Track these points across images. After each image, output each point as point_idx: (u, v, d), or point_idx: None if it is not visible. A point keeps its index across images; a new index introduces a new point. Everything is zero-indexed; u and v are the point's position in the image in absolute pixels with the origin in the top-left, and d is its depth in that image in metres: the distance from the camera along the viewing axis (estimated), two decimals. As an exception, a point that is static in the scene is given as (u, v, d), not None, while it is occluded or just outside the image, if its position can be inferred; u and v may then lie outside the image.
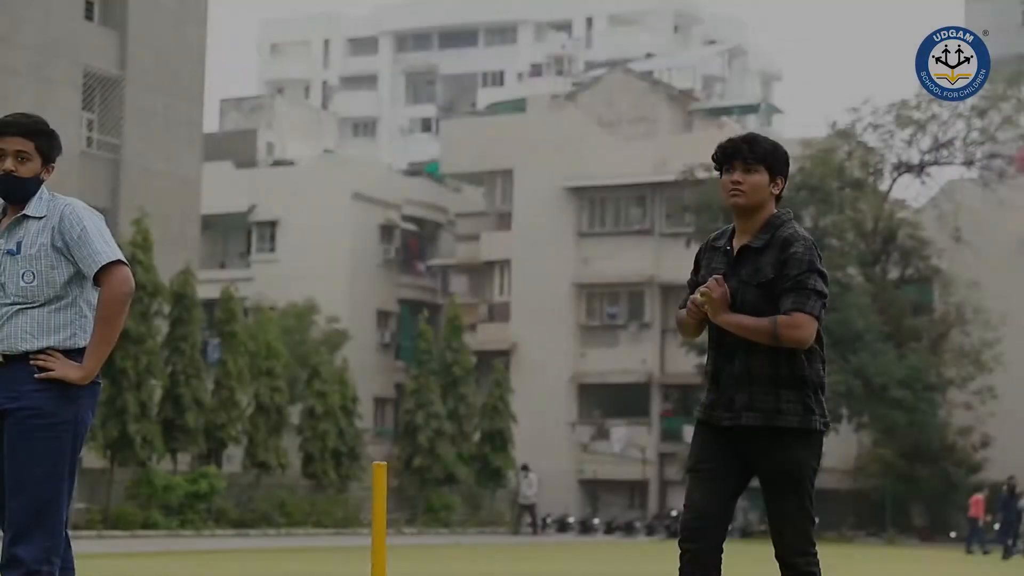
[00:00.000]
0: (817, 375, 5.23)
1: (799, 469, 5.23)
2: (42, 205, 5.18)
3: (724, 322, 5.13)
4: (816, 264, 5.15)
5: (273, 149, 60.18)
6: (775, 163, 5.29)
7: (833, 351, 40.10)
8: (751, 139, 5.32)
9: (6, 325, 5.12)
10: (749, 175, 5.24)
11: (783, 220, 5.25)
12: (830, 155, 42.92)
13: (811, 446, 5.23)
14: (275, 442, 31.52)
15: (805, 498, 5.26)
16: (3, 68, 30.23)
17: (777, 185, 5.30)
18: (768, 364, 5.16)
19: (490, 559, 21.44)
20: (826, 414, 5.28)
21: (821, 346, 5.23)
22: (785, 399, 5.19)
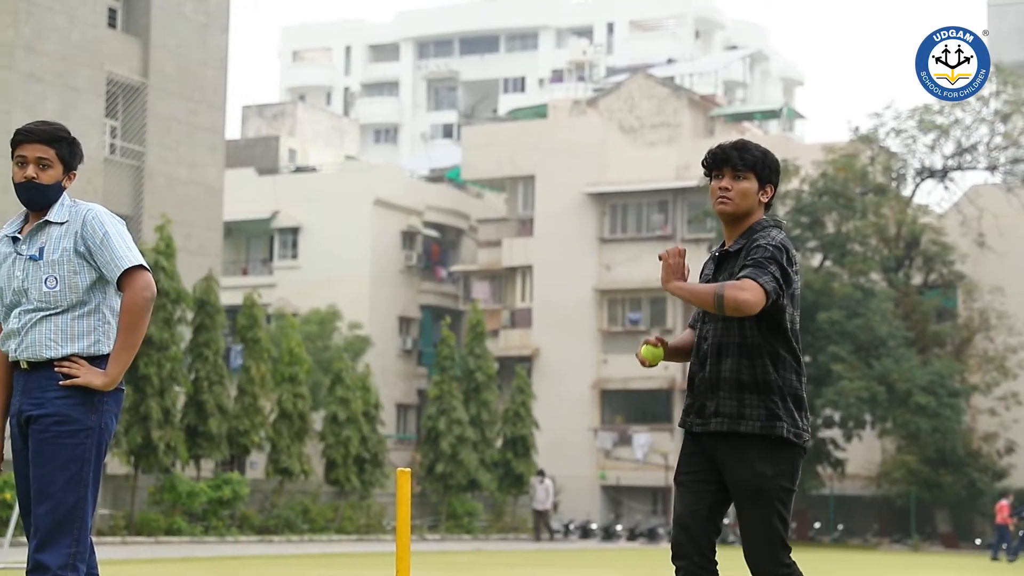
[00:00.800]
0: (788, 383, 5.14)
1: (761, 482, 5.10)
2: (64, 211, 5.20)
3: (673, 289, 5.06)
4: (779, 257, 5.07)
5: (295, 156, 60.32)
6: (764, 171, 5.25)
7: (856, 357, 39.99)
8: (741, 146, 5.29)
9: (30, 332, 5.13)
10: (738, 182, 5.21)
11: (763, 226, 5.21)
12: (853, 160, 42.79)
13: (778, 461, 5.10)
14: (298, 448, 31.54)
15: (772, 515, 5.11)
16: (28, 76, 30.37)
17: (766, 193, 5.27)
18: (734, 369, 5.12)
19: (513, 565, 21.41)
20: (799, 425, 5.15)
21: (794, 357, 5.16)
22: (748, 403, 5.12)
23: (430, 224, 54.21)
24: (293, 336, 32.57)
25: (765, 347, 5.12)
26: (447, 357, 37.64)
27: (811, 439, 5.26)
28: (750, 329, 5.12)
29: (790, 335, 5.16)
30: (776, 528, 5.12)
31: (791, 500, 5.19)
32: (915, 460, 40.33)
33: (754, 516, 5.15)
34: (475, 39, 79.90)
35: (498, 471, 38.54)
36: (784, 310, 5.12)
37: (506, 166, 51.84)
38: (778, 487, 5.11)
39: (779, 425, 5.10)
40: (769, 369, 5.12)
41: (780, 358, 5.14)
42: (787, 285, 5.09)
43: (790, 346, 5.15)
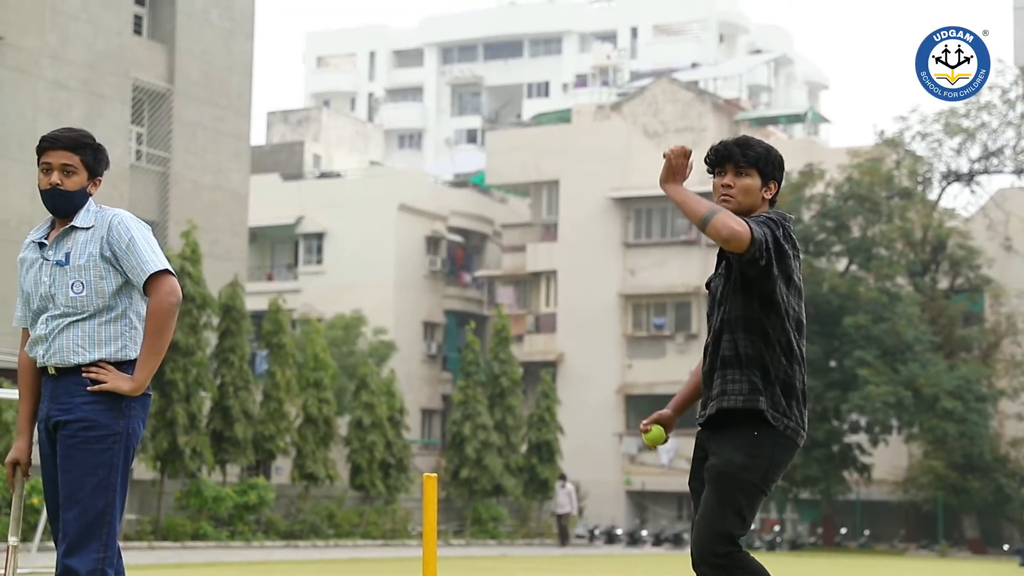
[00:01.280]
0: (778, 367, 5.01)
1: (727, 468, 4.98)
2: (90, 216, 5.22)
3: (670, 191, 4.95)
4: (772, 226, 4.97)
5: (320, 161, 60.47)
6: (768, 167, 5.16)
7: (882, 361, 39.81)
8: (743, 142, 5.20)
9: (58, 338, 5.15)
10: (740, 179, 5.12)
11: (761, 215, 5.09)
12: (878, 164, 42.62)
13: (755, 454, 4.95)
14: (323, 453, 31.59)
15: (727, 504, 4.95)
16: (54, 83, 30.52)
17: (770, 190, 5.17)
18: (728, 346, 5.03)
19: (538, 571, 21.38)
20: (785, 412, 5.00)
21: (788, 343, 5.02)
22: (731, 379, 5.03)
23: (454, 229, 54.25)
24: (318, 341, 32.62)
25: (759, 324, 5.01)
26: (472, 362, 37.65)
27: (803, 437, 5.08)
28: (748, 305, 5.02)
29: (785, 318, 5.02)
30: (727, 518, 4.95)
31: (757, 498, 5.00)
32: (942, 465, 40.13)
33: (708, 498, 5.01)
34: (499, 44, 79.94)
35: (523, 476, 38.52)
36: (775, 283, 4.99)
37: (530, 171, 51.83)
38: (744, 479, 4.96)
39: (761, 400, 4.97)
40: (759, 346, 5.00)
41: (773, 339, 5.01)
42: (779, 256, 4.98)
43: (784, 329, 5.02)
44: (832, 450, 40.99)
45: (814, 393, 40.41)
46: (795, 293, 5.09)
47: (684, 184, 5.00)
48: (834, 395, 40.17)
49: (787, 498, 43.14)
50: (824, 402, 40.57)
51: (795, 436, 5.04)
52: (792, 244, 5.07)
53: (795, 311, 5.08)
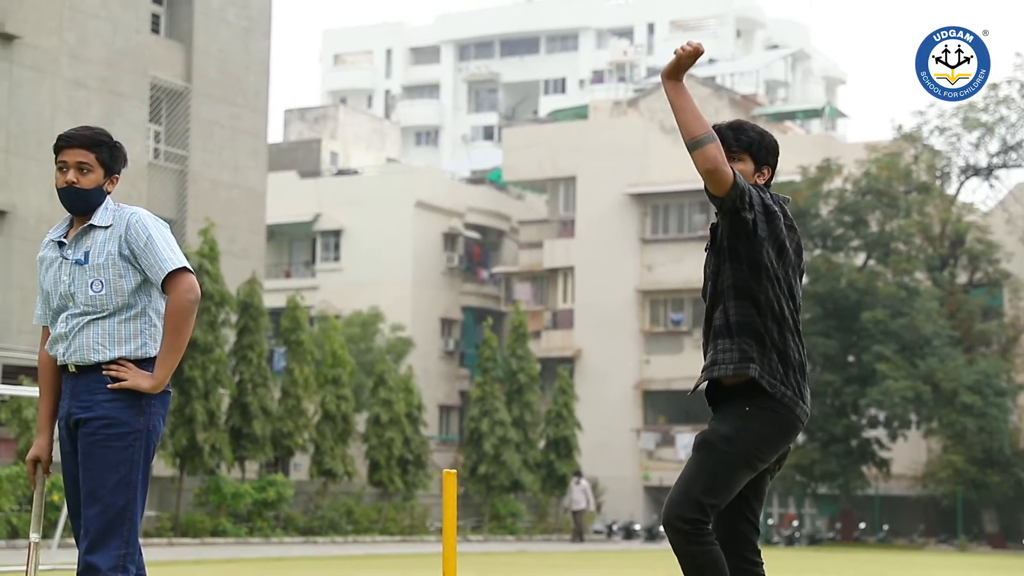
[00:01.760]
0: (771, 334, 4.89)
1: (708, 433, 4.92)
2: (108, 215, 5.23)
3: (672, 87, 4.85)
4: (760, 190, 4.92)
5: (337, 158, 60.54)
6: (761, 152, 5.09)
7: (901, 356, 39.71)
8: (736, 126, 5.13)
9: (78, 336, 5.16)
10: (732, 163, 4.99)
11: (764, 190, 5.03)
12: (896, 159, 42.51)
13: (737, 417, 4.86)
14: (341, 450, 31.65)
15: (703, 469, 4.84)
16: (72, 82, 30.62)
17: (763, 175, 5.09)
18: (720, 316, 4.96)
19: (556, 567, 21.40)
20: (785, 382, 4.88)
21: (780, 309, 4.92)
22: (721, 348, 4.95)
23: (471, 226, 54.27)
24: (336, 338, 32.68)
25: (748, 290, 4.91)
26: (489, 358, 37.67)
27: (805, 411, 4.93)
28: (736, 271, 4.93)
29: (775, 283, 4.92)
30: (700, 482, 4.84)
31: (737, 471, 4.84)
32: (961, 460, 40.02)
33: (687, 465, 4.94)
34: (515, 41, 79.91)
35: (541, 472, 38.53)
36: (762, 246, 4.90)
37: (547, 167, 51.81)
38: (723, 450, 4.85)
39: (751, 367, 4.87)
40: (751, 312, 4.90)
41: (764, 306, 4.91)
42: (769, 219, 4.90)
43: (775, 295, 4.91)
44: (851, 445, 40.90)
45: (832, 388, 40.34)
46: (788, 263, 4.99)
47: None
48: (852, 390, 40.09)
49: (805, 493, 43.08)
50: (842, 397, 40.49)
51: (793, 406, 4.89)
52: (785, 215, 5.00)
53: (787, 280, 4.98)
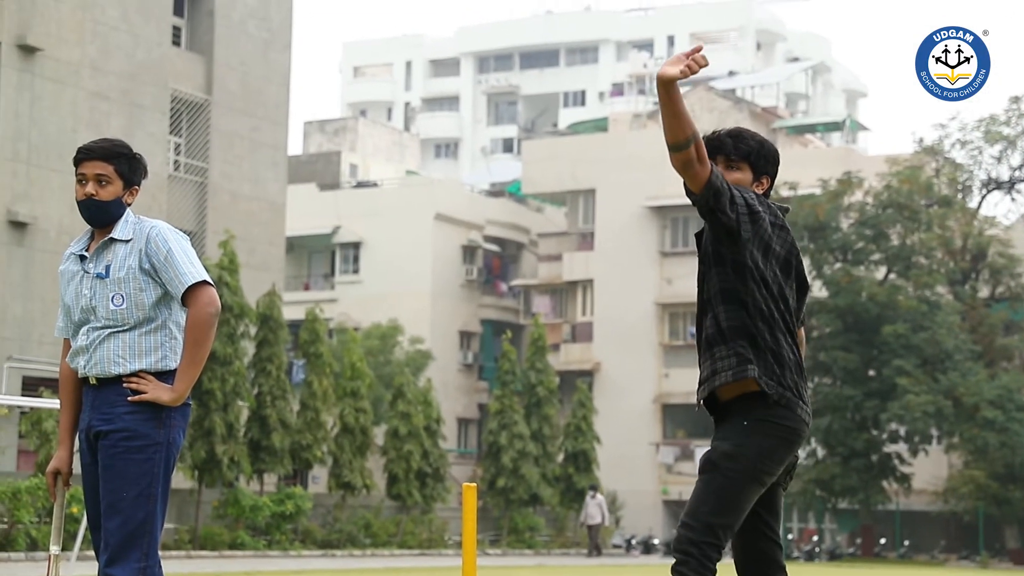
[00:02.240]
0: (765, 336, 4.79)
1: (711, 452, 4.80)
2: (128, 228, 5.23)
3: (667, 88, 4.60)
4: (744, 192, 4.82)
5: (356, 171, 60.65)
6: (760, 161, 4.99)
7: (922, 371, 39.52)
8: (736, 134, 5.03)
9: (99, 349, 5.16)
10: (730, 172, 4.96)
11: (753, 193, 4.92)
12: (917, 172, 42.37)
13: (737, 434, 4.74)
14: (360, 463, 31.61)
15: (709, 489, 4.72)
16: (94, 94, 30.71)
17: (762, 184, 5.00)
18: (711, 324, 4.90)
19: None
20: (782, 383, 4.77)
21: (771, 313, 4.83)
22: (718, 356, 4.86)
23: (491, 238, 54.25)
24: (355, 351, 32.66)
25: (736, 294, 4.84)
26: (508, 371, 37.60)
27: (806, 411, 4.84)
28: (723, 275, 4.87)
29: (761, 285, 4.83)
30: (708, 503, 4.72)
31: (745, 488, 4.72)
32: (983, 475, 39.79)
33: (696, 486, 4.82)
34: (535, 53, 80.00)
35: (559, 486, 38.43)
36: (745, 248, 4.81)
37: (566, 180, 51.79)
38: (728, 468, 4.72)
39: (750, 368, 4.76)
40: (741, 315, 4.82)
41: (752, 309, 4.82)
42: (753, 220, 4.80)
43: (762, 297, 4.81)
44: (871, 460, 40.71)
45: (853, 402, 40.16)
46: (779, 265, 4.89)
47: None
48: (873, 404, 39.91)
49: (826, 508, 42.87)
50: (863, 411, 40.30)
51: (794, 406, 4.78)
52: (775, 216, 4.91)
53: (776, 281, 4.88)
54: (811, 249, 41.30)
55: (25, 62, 28.64)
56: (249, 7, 35.28)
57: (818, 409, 40.42)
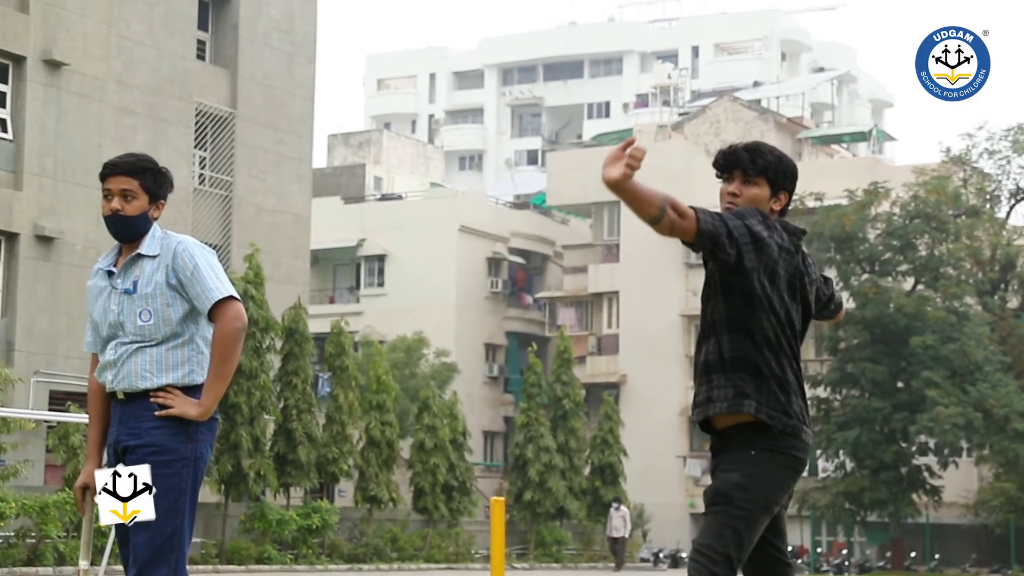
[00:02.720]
0: (770, 363, 4.72)
1: (722, 484, 4.71)
2: (155, 243, 5.24)
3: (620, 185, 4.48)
4: (746, 216, 4.69)
5: (381, 183, 60.69)
6: (778, 176, 4.89)
7: (951, 382, 39.21)
8: (753, 148, 4.93)
9: (126, 363, 5.17)
10: (747, 187, 4.88)
11: (762, 215, 4.80)
12: (944, 182, 42.09)
13: (746, 463, 4.66)
14: (386, 476, 31.54)
15: (724, 522, 4.65)
16: (119, 109, 30.79)
17: (779, 200, 4.90)
18: (712, 349, 4.79)
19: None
20: (788, 411, 4.71)
21: (777, 339, 4.74)
22: (716, 384, 4.77)
23: (515, 250, 54.18)
24: (380, 364, 32.62)
25: (743, 323, 4.75)
26: (534, 384, 37.50)
27: (809, 433, 4.79)
28: (730, 304, 4.77)
29: (769, 312, 4.73)
30: (725, 537, 4.64)
31: (757, 519, 4.68)
32: (1014, 487, 39.46)
33: (709, 518, 4.72)
34: (559, 65, 79.99)
35: (586, 499, 38.28)
36: (752, 278, 4.71)
37: (591, 191, 51.68)
38: (741, 499, 4.66)
39: (745, 403, 4.69)
40: (745, 345, 4.73)
41: (759, 338, 4.73)
42: (758, 248, 4.68)
43: (769, 325, 4.73)
44: (900, 472, 40.41)
45: (881, 415, 39.87)
46: (785, 289, 4.80)
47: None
48: (902, 416, 39.61)
49: (855, 521, 42.58)
50: (892, 423, 40.02)
51: (799, 432, 4.75)
52: (781, 238, 4.79)
53: (783, 307, 4.78)
54: (838, 260, 41.07)
55: (51, 77, 28.72)
56: (273, 21, 35.34)
57: (846, 421, 40.16)
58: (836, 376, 40.85)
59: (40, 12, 28.52)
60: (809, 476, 46.53)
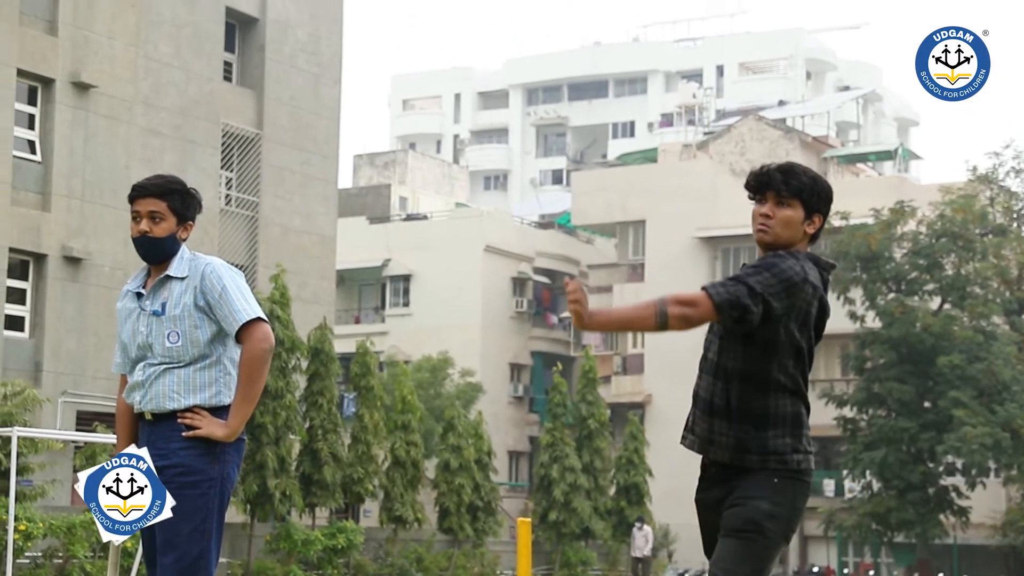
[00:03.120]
0: (783, 405, 4.66)
1: (753, 512, 4.65)
2: (184, 265, 5.26)
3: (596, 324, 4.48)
4: (776, 264, 4.61)
5: (406, 203, 60.83)
6: (813, 198, 4.72)
7: (978, 402, 39.01)
8: (787, 169, 4.74)
9: (154, 384, 5.19)
10: (781, 209, 4.71)
11: (789, 255, 4.67)
12: (971, 201, 41.95)
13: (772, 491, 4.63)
14: (411, 496, 31.52)
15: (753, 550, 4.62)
16: (146, 130, 30.98)
17: (813, 223, 4.74)
18: (714, 396, 4.72)
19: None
20: (798, 448, 4.65)
21: (793, 378, 4.67)
22: (718, 431, 4.70)
23: (540, 270, 54.21)
24: (405, 384, 32.64)
25: (760, 375, 4.66)
26: (559, 404, 37.47)
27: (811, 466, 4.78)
28: (747, 355, 4.66)
29: (786, 353, 4.65)
30: (747, 566, 4.64)
31: (779, 548, 4.68)
32: (1042, 508, 39.21)
33: (736, 545, 4.67)
34: (583, 84, 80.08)
35: (612, 519, 38.19)
36: (778, 326, 4.61)
37: (616, 211, 51.72)
38: (770, 529, 4.63)
39: (748, 458, 4.65)
40: (756, 397, 4.66)
41: (775, 385, 4.66)
42: (790, 294, 4.58)
43: (785, 365, 4.66)
44: (927, 493, 40.18)
45: (908, 434, 39.70)
46: (813, 329, 4.73)
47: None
48: (929, 436, 39.42)
49: (882, 542, 42.35)
50: (919, 443, 39.82)
51: (809, 466, 4.73)
52: (814, 274, 4.68)
53: (806, 345, 4.71)
54: (864, 279, 40.95)
55: (79, 99, 28.94)
56: (299, 42, 35.53)
57: (873, 441, 39.99)
58: (863, 396, 40.69)
59: (69, 35, 28.76)
60: (836, 496, 46.34)
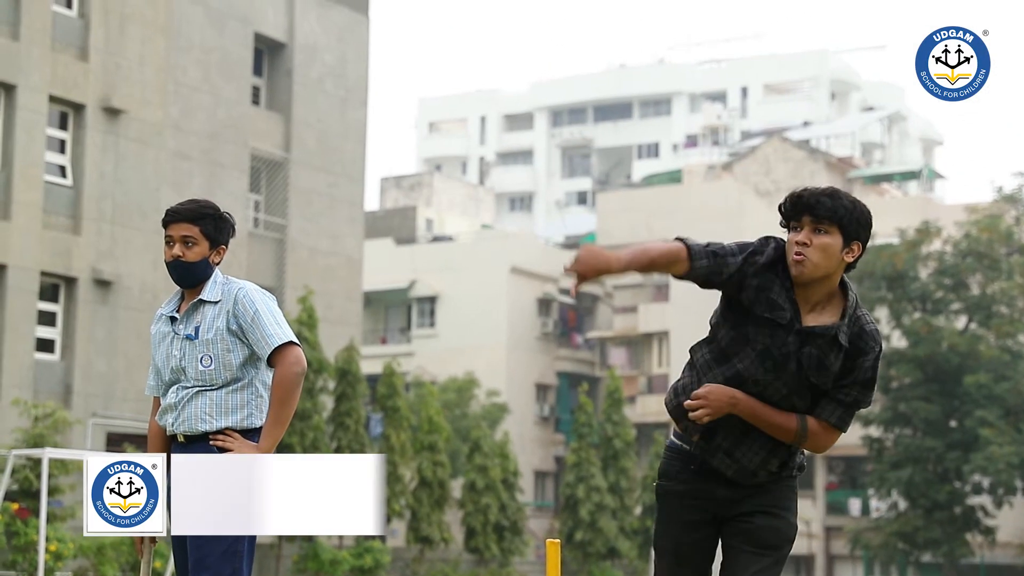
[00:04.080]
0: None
1: (788, 527, 4.77)
2: (217, 289, 5.34)
3: (743, 411, 4.60)
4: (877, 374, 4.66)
5: (432, 225, 61.06)
6: (852, 225, 4.51)
7: (1005, 421, 38.89)
8: (828, 193, 4.53)
9: (187, 407, 5.29)
10: (818, 236, 4.51)
11: (856, 303, 4.60)
12: (997, 220, 41.87)
13: (794, 504, 4.80)
14: (438, 516, 31.65)
15: (778, 568, 4.70)
16: (176, 154, 31.31)
17: (852, 252, 4.53)
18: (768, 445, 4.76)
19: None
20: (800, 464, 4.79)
21: None
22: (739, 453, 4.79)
23: (566, 291, 54.32)
24: (432, 404, 32.79)
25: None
26: (584, 424, 37.54)
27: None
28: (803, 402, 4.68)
29: None
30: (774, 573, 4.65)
31: None
32: (1071, 528, 39.02)
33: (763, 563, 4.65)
34: (608, 106, 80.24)
35: (638, 539, 38.20)
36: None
37: (641, 232, 51.82)
38: (791, 543, 4.74)
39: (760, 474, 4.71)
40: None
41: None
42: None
43: None
44: (954, 512, 40.04)
45: (935, 454, 39.59)
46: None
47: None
48: (955, 456, 39.30)
49: (908, 561, 42.18)
50: (945, 463, 39.70)
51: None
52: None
53: None
54: (889, 299, 40.92)
55: (110, 124, 29.29)
56: (327, 66, 35.85)
57: (899, 460, 39.89)
58: (888, 415, 40.62)
59: (99, 61, 29.13)
60: (862, 515, 46.22)
